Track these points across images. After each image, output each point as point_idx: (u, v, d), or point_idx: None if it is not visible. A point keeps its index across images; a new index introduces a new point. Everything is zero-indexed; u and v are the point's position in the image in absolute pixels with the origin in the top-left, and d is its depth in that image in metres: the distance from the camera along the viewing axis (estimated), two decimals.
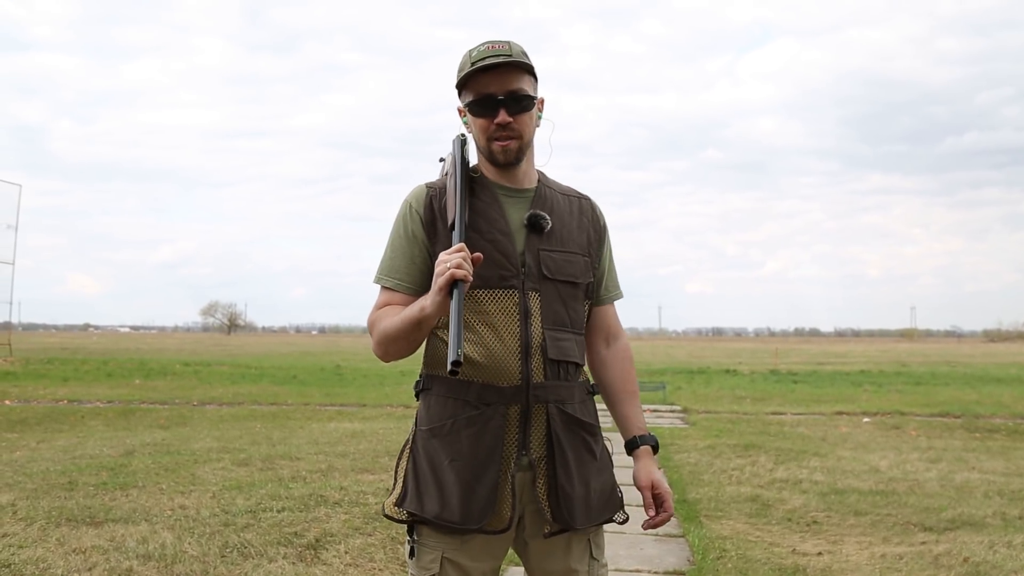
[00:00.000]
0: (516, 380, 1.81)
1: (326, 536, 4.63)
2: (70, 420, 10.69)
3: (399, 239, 1.91)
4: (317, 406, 13.02)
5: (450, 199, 1.85)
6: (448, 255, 1.68)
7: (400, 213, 1.93)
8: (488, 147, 1.87)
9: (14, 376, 18.22)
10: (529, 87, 1.87)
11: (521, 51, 1.86)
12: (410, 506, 1.83)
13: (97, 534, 4.61)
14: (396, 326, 1.78)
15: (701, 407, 13.20)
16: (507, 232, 1.87)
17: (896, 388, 17.65)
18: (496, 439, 1.80)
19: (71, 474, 6.39)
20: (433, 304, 1.68)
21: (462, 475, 1.79)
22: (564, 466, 1.84)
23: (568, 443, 1.86)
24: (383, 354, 1.86)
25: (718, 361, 32.68)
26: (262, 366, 24.27)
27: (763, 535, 4.98)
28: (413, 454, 1.88)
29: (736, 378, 21.43)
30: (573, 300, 1.92)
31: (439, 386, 1.86)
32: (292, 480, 6.24)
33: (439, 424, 1.83)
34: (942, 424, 11.05)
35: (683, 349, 55.63)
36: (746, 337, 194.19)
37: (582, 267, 1.94)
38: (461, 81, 1.87)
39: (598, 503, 1.91)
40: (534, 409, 1.82)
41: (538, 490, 1.84)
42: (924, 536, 4.96)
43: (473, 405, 1.81)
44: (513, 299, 1.84)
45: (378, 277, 1.92)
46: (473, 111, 1.87)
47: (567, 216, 1.96)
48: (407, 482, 1.86)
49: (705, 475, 6.84)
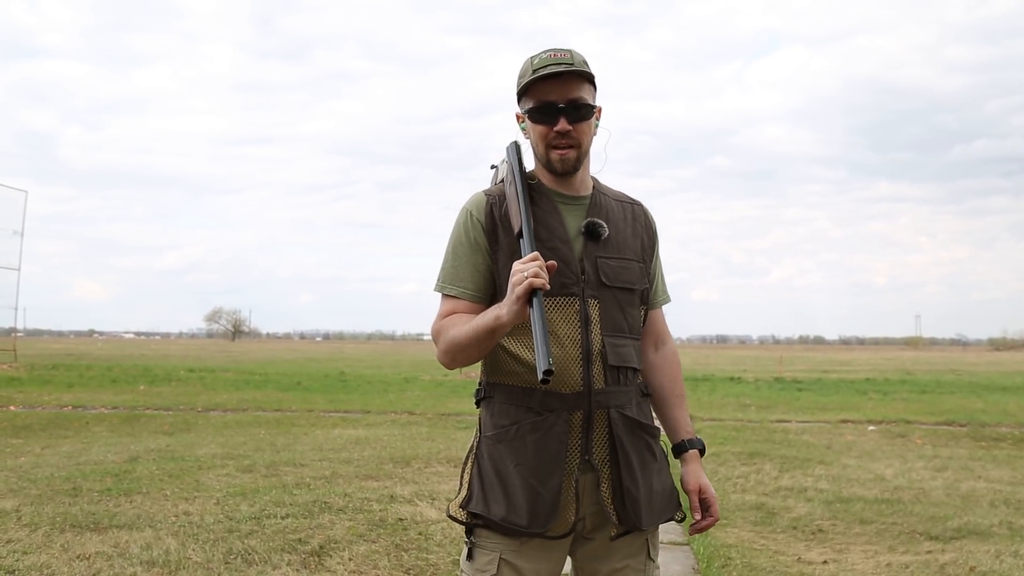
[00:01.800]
0: (578, 386, 1.82)
1: (330, 543, 4.62)
2: (74, 426, 10.70)
3: (461, 247, 1.90)
4: (321, 412, 13.01)
5: (512, 206, 1.85)
6: (524, 264, 1.66)
7: (460, 220, 1.92)
8: (547, 155, 1.88)
9: (19, 382, 18.24)
10: (589, 96, 1.88)
11: (583, 60, 1.87)
12: (476, 507, 1.85)
13: (101, 540, 4.61)
14: (467, 334, 1.78)
15: (706, 415, 13.16)
16: (566, 240, 1.88)
17: (901, 396, 17.60)
18: (560, 444, 1.81)
19: (75, 480, 6.40)
20: (510, 313, 1.67)
21: (528, 479, 1.80)
22: (628, 469, 1.86)
23: (631, 446, 1.88)
24: (450, 362, 1.86)
25: (722, 368, 32.61)
26: (266, 372, 24.28)
27: (768, 543, 4.96)
28: (478, 459, 1.89)
29: (741, 386, 21.37)
30: (630, 306, 1.94)
31: (502, 394, 1.88)
32: (296, 487, 6.24)
33: (503, 430, 1.85)
34: (948, 432, 11.01)
35: (687, 356, 55.51)
36: (750, 345, 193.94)
37: (638, 273, 1.96)
38: (523, 88, 1.88)
39: (660, 503, 1.93)
40: (596, 414, 1.84)
41: (602, 493, 1.85)
42: (930, 545, 4.94)
43: (536, 411, 1.82)
44: (574, 306, 1.85)
45: (441, 285, 1.91)
46: (533, 118, 1.87)
47: (622, 223, 1.97)
48: (472, 485, 1.88)
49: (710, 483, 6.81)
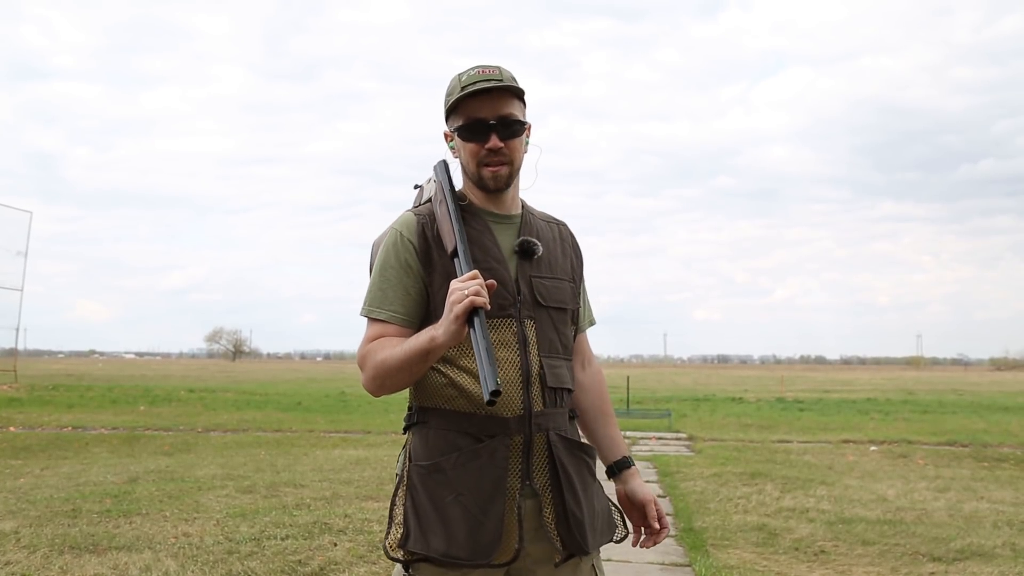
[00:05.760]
0: (519, 410, 1.78)
1: (330, 564, 4.60)
2: (74, 447, 10.67)
3: (391, 269, 1.82)
4: (322, 433, 12.97)
5: (444, 225, 1.80)
6: (462, 282, 1.63)
7: (389, 242, 1.84)
8: (478, 172, 1.84)
9: (19, 402, 18.20)
10: (519, 112, 1.85)
11: (511, 76, 1.84)
12: (415, 546, 1.75)
13: (100, 562, 4.60)
14: (399, 357, 1.71)
15: (707, 435, 13.13)
16: (501, 259, 1.85)
17: (903, 416, 17.54)
18: (501, 471, 1.76)
19: (75, 501, 6.38)
20: (447, 333, 1.62)
21: (469, 510, 1.73)
22: (571, 491, 1.82)
23: (573, 468, 1.84)
24: (378, 387, 1.79)
25: (724, 388, 32.52)
26: (267, 393, 24.23)
27: (770, 564, 4.93)
28: (410, 491, 1.79)
29: (742, 406, 21.32)
30: (563, 326, 1.91)
31: (437, 419, 1.80)
32: (296, 508, 6.22)
33: (441, 459, 1.77)
34: (950, 453, 10.97)
35: (688, 376, 55.42)
36: (752, 365, 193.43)
37: (570, 293, 1.95)
38: (452, 105, 1.84)
39: (601, 525, 1.90)
40: (535, 438, 1.79)
41: (545, 518, 1.80)
42: (933, 566, 4.91)
43: (476, 437, 1.76)
44: (511, 328, 1.81)
45: (368, 309, 1.83)
46: (463, 136, 1.84)
47: (551, 243, 1.95)
48: (408, 521, 1.78)
49: (711, 503, 6.79)
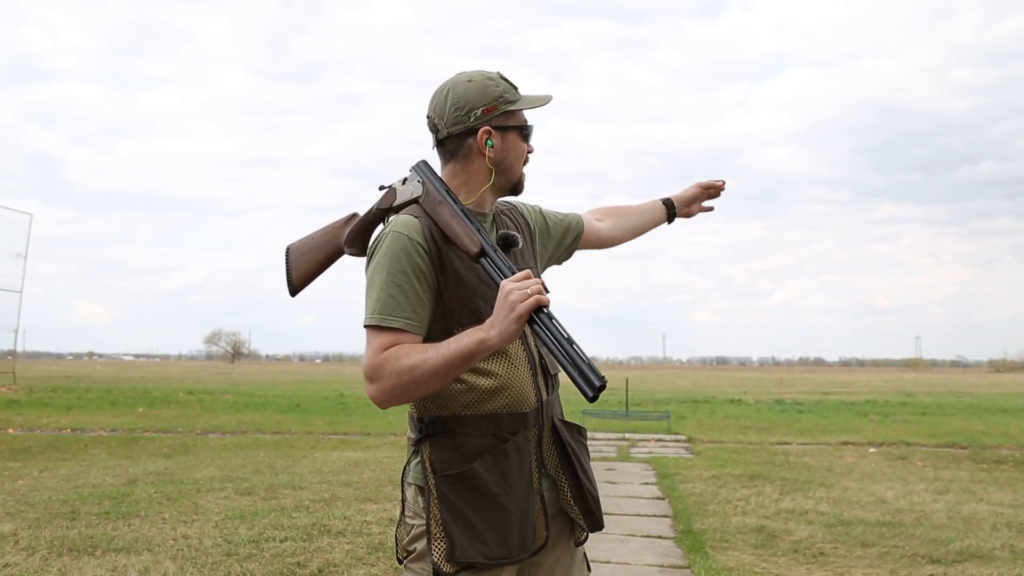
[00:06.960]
0: (534, 403, 1.82)
1: (329, 566, 4.60)
2: (73, 449, 10.66)
3: (401, 275, 1.73)
4: (320, 435, 12.96)
5: (456, 227, 1.77)
6: (517, 282, 1.60)
7: (397, 246, 1.75)
8: (520, 173, 1.92)
9: (18, 404, 18.19)
10: None
11: None
12: (463, 556, 1.69)
13: (99, 564, 4.59)
14: (435, 363, 1.63)
15: (706, 437, 13.12)
16: None
17: (902, 418, 17.53)
18: (527, 464, 1.80)
19: (73, 503, 6.38)
20: (503, 334, 1.59)
21: (508, 508, 1.75)
22: (584, 472, 1.88)
23: (580, 449, 1.90)
24: (397, 396, 1.69)
25: (723, 390, 32.52)
26: (266, 394, 24.22)
27: (769, 566, 4.93)
28: (443, 503, 1.73)
29: (741, 407, 21.31)
30: None
31: (461, 426, 1.77)
32: (295, 509, 6.21)
33: (473, 464, 1.74)
34: (949, 455, 10.97)
35: (687, 378, 55.41)
36: (751, 366, 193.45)
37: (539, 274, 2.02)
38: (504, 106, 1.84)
39: None
40: (545, 426, 1.85)
41: (564, 500, 1.85)
42: (932, 568, 4.91)
43: (499, 437, 1.78)
44: None
45: (379, 317, 1.71)
46: (524, 137, 1.90)
47: (516, 232, 1.99)
48: (451, 532, 1.71)
49: (710, 505, 6.79)
